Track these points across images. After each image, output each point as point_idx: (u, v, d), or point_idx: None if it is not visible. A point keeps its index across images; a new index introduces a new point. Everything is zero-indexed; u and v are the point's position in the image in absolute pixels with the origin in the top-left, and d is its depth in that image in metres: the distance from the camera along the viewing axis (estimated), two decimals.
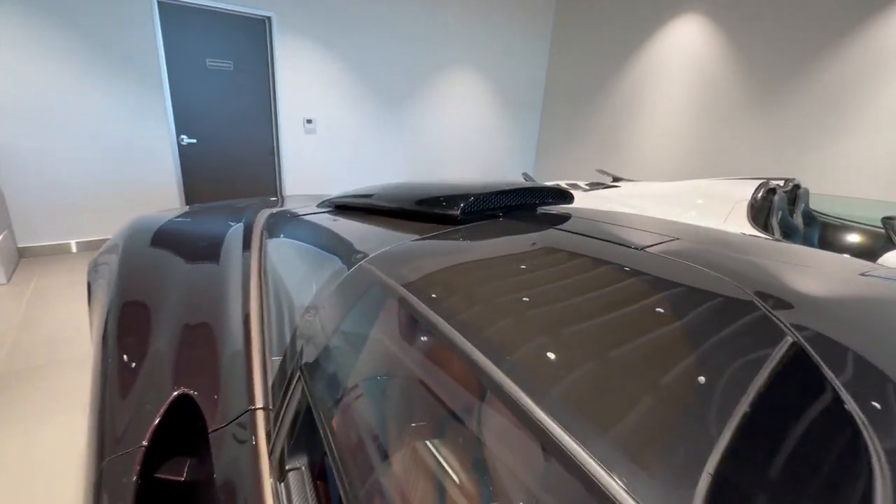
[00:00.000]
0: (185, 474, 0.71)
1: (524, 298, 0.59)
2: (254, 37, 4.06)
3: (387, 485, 0.47)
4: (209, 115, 4.03)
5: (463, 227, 0.90)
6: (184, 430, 0.75)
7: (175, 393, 0.79)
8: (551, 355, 0.47)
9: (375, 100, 4.94)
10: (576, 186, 3.95)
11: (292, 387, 0.67)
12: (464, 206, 0.94)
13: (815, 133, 3.94)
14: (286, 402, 0.67)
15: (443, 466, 0.44)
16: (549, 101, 6.44)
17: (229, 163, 4.27)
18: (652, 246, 0.76)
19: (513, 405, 0.42)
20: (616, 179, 4.33)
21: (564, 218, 0.97)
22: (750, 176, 4.02)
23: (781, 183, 2.76)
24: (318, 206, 1.59)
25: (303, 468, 0.65)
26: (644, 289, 0.59)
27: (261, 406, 0.74)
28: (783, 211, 2.52)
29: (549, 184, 1.99)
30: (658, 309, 0.54)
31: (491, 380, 0.45)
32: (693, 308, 0.54)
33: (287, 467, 0.63)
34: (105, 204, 3.69)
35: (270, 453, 0.65)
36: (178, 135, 3.90)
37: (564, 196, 1.15)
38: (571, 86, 6.09)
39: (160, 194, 3.88)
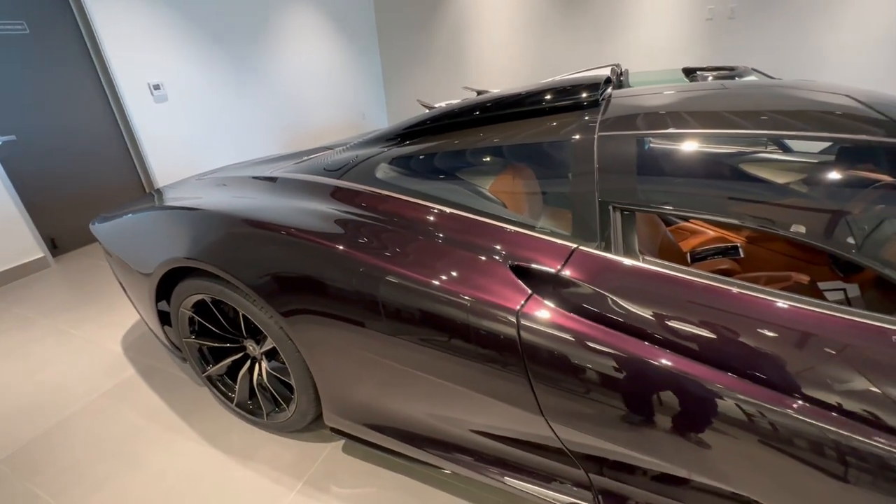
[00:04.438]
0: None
1: None
2: None
3: None
4: (18, 100, 3.03)
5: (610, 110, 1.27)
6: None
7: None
8: None
9: (220, 50, 4.31)
10: (429, 106, 4.39)
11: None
12: (601, 88, 1.30)
13: (606, 29, 5.14)
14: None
15: None
16: (383, 25, 6.46)
17: (71, 154, 3.36)
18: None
19: None
20: (481, 93, 4.91)
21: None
22: (580, 69, 5.04)
23: (614, 67, 3.72)
24: (387, 145, 1.61)
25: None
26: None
27: (575, 246, 1.04)
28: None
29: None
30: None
31: None
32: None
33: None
34: None
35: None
36: None
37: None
38: (402, 7, 6.21)
39: None
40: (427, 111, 4.88)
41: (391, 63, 6.70)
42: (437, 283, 1.04)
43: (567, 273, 0.97)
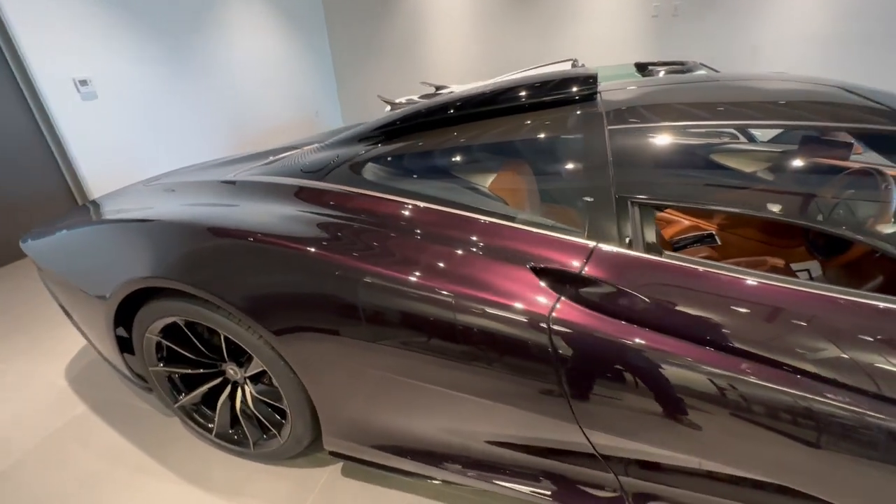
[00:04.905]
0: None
1: None
2: None
3: None
4: None
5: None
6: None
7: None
8: None
9: (157, 42, 3.93)
10: (393, 103, 4.28)
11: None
12: (594, 83, 1.26)
13: (557, 23, 5.23)
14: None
15: None
16: (333, 18, 6.20)
17: None
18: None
19: None
20: (439, 88, 4.84)
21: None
22: (537, 64, 5.10)
23: (574, 62, 3.78)
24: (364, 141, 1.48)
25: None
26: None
27: (594, 244, 1.00)
28: None
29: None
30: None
31: None
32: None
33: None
34: None
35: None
36: None
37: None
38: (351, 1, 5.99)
39: None
40: (389, 108, 4.72)
41: (342, 57, 6.45)
42: (455, 290, 0.97)
43: (591, 273, 0.94)
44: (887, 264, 1.26)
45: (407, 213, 1.16)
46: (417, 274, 1.01)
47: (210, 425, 1.47)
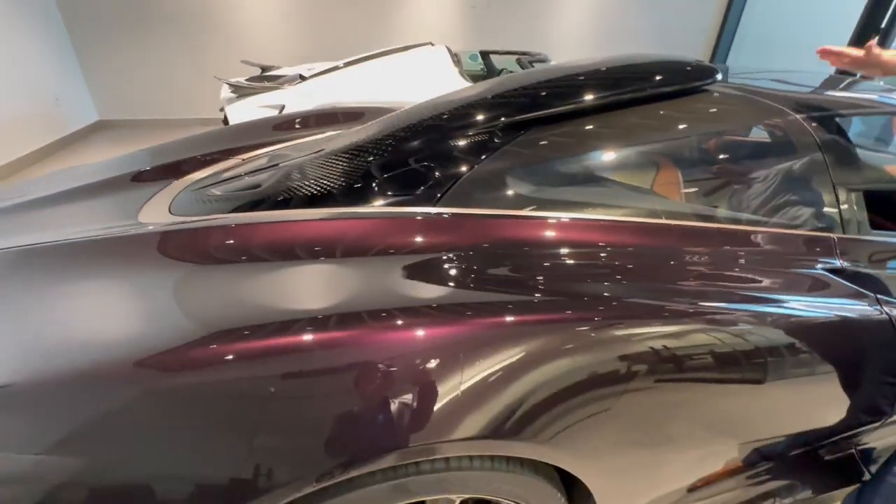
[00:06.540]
0: None
1: None
2: None
3: None
4: None
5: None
6: None
7: None
8: None
9: None
10: (241, 86, 3.38)
11: None
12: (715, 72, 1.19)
13: (381, 5, 5.00)
14: None
15: None
16: None
17: None
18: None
19: None
20: (266, 69, 4.00)
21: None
22: (398, 45, 4.66)
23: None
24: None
25: None
26: None
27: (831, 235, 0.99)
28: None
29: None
30: None
31: None
32: None
33: None
34: None
35: None
36: None
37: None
38: None
39: None
40: (229, 89, 3.58)
41: (82, 26, 4.59)
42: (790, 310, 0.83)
43: (848, 264, 0.93)
44: None
45: (633, 233, 0.89)
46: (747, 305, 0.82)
47: None
